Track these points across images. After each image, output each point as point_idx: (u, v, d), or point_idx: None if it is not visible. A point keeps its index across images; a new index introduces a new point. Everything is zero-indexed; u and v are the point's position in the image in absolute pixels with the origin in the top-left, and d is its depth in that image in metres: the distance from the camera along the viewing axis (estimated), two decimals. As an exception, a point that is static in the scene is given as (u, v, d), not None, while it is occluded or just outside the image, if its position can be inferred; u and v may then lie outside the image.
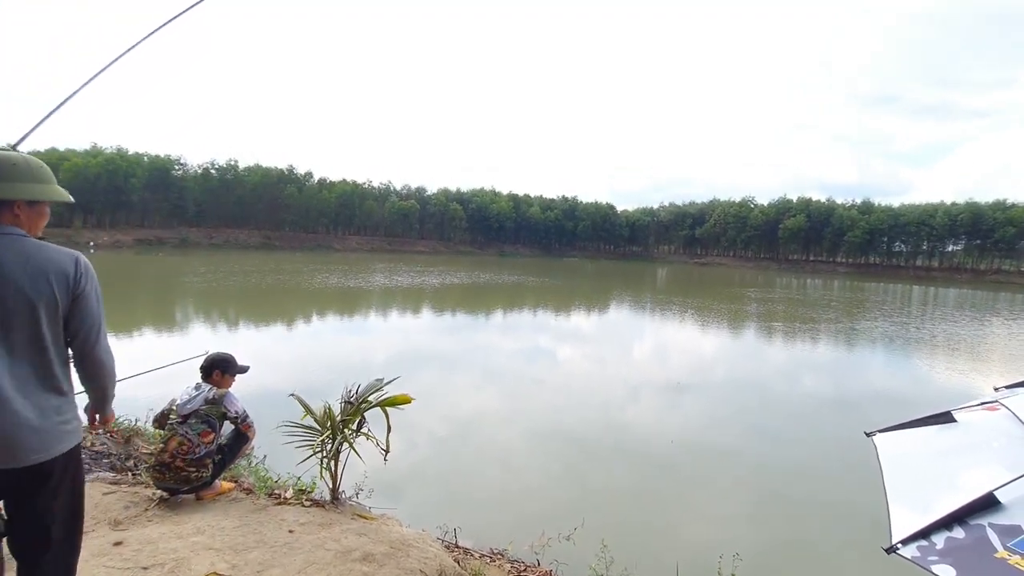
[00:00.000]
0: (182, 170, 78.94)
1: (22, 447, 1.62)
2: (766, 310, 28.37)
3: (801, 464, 7.94)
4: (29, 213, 1.71)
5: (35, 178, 1.71)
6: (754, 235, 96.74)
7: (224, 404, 3.41)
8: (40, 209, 1.75)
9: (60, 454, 1.70)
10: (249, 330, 16.94)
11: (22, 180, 1.68)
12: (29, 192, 1.69)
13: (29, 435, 1.62)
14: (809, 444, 8.88)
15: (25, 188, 1.68)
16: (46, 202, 1.77)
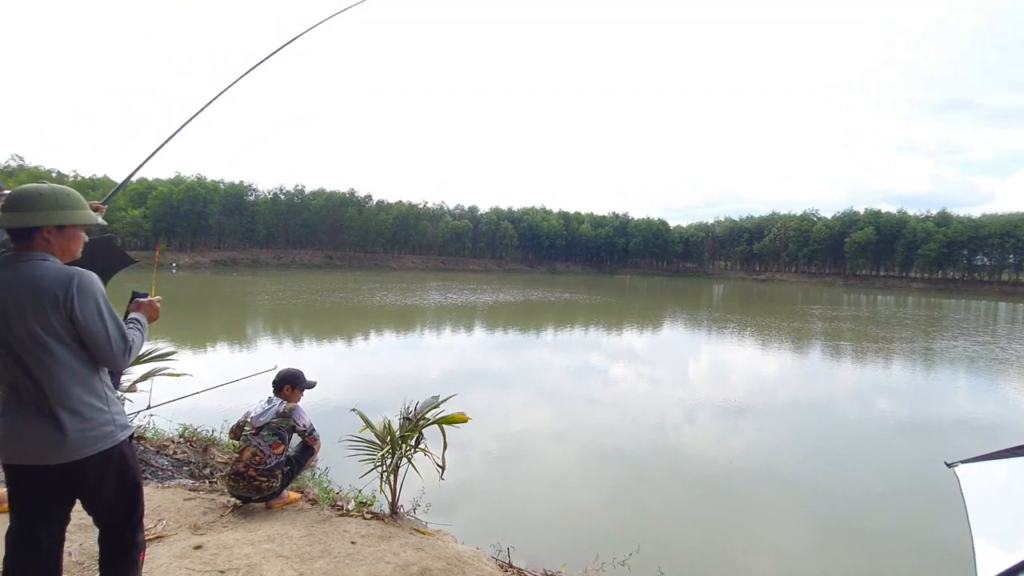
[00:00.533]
0: (254, 195, 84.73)
1: (52, 448, 1.81)
2: (832, 329, 26.86)
3: (873, 494, 7.43)
4: (59, 237, 1.86)
5: (61, 205, 1.85)
6: (817, 250, 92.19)
7: (293, 417, 3.62)
8: (70, 233, 1.89)
9: (94, 454, 1.85)
10: (312, 346, 17.73)
11: (48, 208, 1.82)
12: (55, 218, 1.83)
13: (61, 438, 1.80)
14: (882, 473, 8.28)
15: (51, 215, 1.82)
16: (76, 226, 1.90)
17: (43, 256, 1.82)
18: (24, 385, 1.80)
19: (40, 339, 1.76)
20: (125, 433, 1.97)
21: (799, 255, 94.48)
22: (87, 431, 1.84)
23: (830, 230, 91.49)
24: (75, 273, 1.81)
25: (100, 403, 1.88)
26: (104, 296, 1.87)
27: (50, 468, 1.83)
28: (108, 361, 1.88)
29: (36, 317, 1.76)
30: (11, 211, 1.81)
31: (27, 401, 1.81)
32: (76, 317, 1.78)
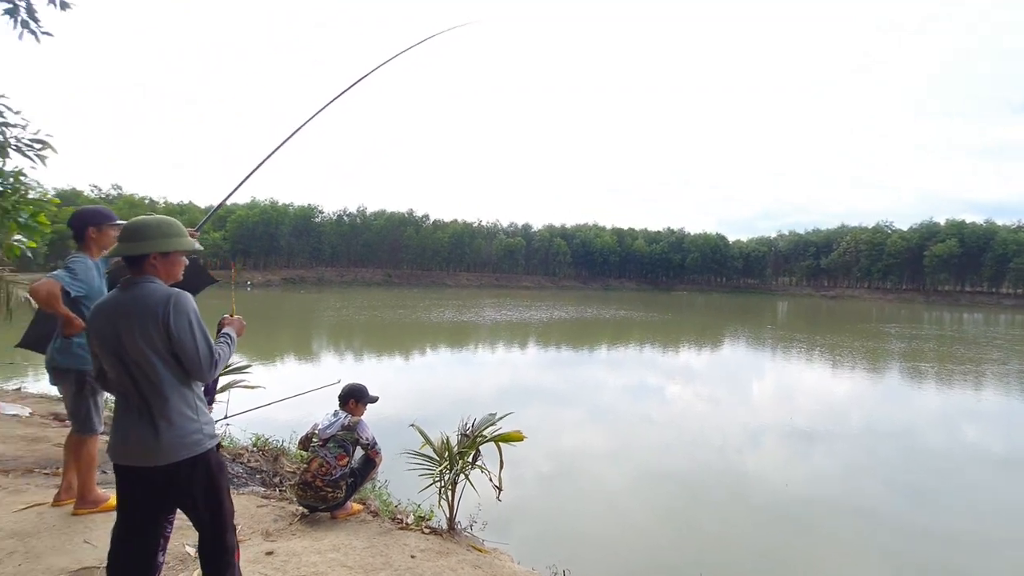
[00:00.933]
0: (320, 217, 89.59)
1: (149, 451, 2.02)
2: (912, 349, 24.92)
3: (963, 536, 6.75)
4: (164, 263, 2.11)
5: (164, 234, 2.10)
6: (893, 264, 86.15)
7: (357, 431, 3.76)
8: (173, 259, 2.14)
9: (181, 460, 2.04)
10: (372, 361, 18.33)
11: (154, 237, 2.07)
12: (160, 246, 2.08)
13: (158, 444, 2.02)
14: (974, 513, 7.48)
15: (157, 243, 2.07)
16: (178, 252, 2.15)
17: (150, 279, 2.07)
18: (132, 394, 2.05)
19: (145, 354, 2.00)
20: (212, 442, 2.16)
21: (872, 270, 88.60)
22: (179, 438, 2.05)
23: (907, 243, 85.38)
24: (172, 293, 2.04)
25: (191, 413, 2.09)
26: (196, 314, 2.08)
27: (147, 469, 2.04)
28: (196, 373, 2.08)
29: (142, 334, 1.99)
30: (125, 241, 2.09)
31: (133, 408, 2.06)
32: (172, 333, 1.99)
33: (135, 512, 2.11)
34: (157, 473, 2.04)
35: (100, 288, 3.24)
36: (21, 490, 3.74)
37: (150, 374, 2.01)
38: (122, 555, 2.10)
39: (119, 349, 2.01)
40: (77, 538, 2.98)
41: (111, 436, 2.11)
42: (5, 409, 6.06)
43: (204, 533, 2.16)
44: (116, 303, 2.04)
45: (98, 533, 3.05)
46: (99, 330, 2.05)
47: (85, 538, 2.99)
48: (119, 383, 2.07)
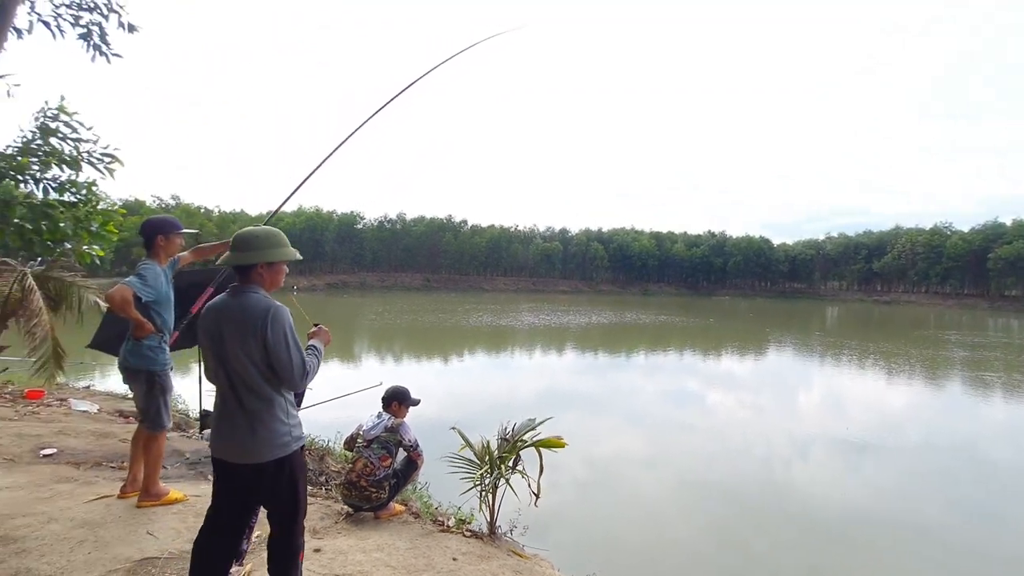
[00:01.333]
0: (362, 223, 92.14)
1: (242, 449, 2.17)
2: (975, 358, 23.41)
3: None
4: (269, 272, 2.26)
5: (271, 245, 2.25)
6: (953, 267, 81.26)
7: (400, 432, 3.84)
8: (277, 268, 2.29)
9: (269, 460, 2.18)
10: (412, 364, 18.64)
11: (262, 248, 2.23)
12: (266, 256, 2.23)
13: (249, 442, 2.16)
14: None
15: (263, 254, 2.22)
16: (281, 261, 2.31)
17: (255, 289, 2.22)
18: (229, 394, 2.21)
19: (242, 360, 2.15)
20: (298, 444, 2.28)
21: (930, 274, 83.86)
22: (269, 439, 2.18)
23: (968, 245, 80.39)
24: (271, 307, 2.17)
25: (282, 416, 2.23)
26: (291, 327, 2.22)
27: (238, 466, 2.19)
28: (288, 383, 2.21)
29: (242, 342, 2.14)
30: (236, 251, 2.25)
31: (230, 407, 2.21)
32: (268, 343, 2.12)
33: (226, 502, 2.27)
34: (247, 470, 2.19)
35: (167, 293, 3.45)
36: (91, 482, 3.99)
37: (246, 379, 2.16)
38: (210, 540, 2.25)
39: (222, 351, 2.18)
40: (141, 529, 3.16)
41: (211, 431, 2.29)
42: (76, 406, 6.48)
43: (277, 530, 2.27)
44: (224, 308, 2.20)
45: (160, 525, 3.22)
46: (207, 330, 2.22)
47: (148, 529, 3.16)
48: (219, 382, 2.24)
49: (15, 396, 6.62)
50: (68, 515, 3.28)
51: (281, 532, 2.27)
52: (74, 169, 4.64)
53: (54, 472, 4.17)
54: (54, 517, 3.24)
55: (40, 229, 4.44)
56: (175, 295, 3.54)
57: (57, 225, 4.53)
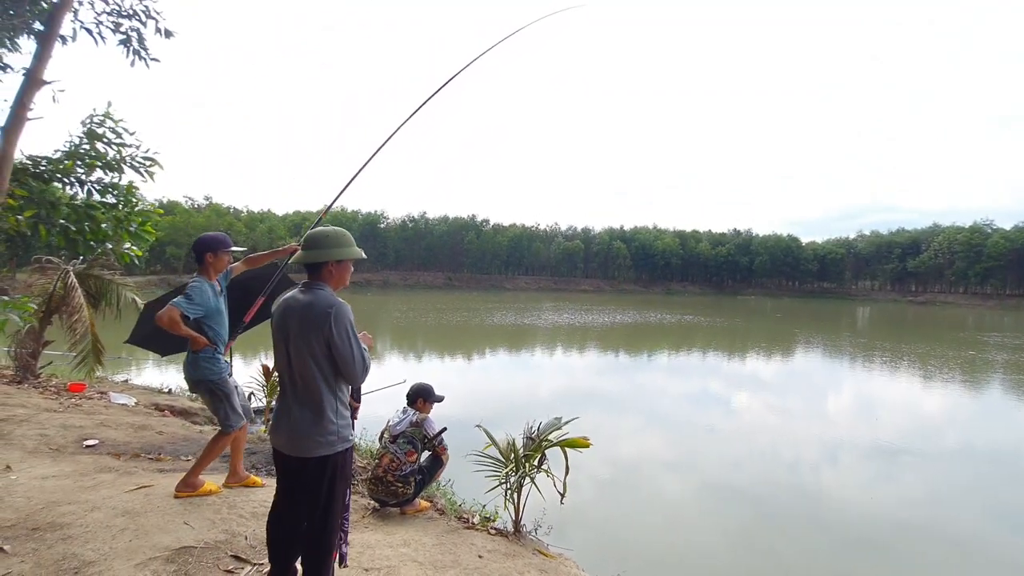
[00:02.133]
0: (385, 223, 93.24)
1: (291, 442, 2.28)
2: (1017, 361, 22.49)
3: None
4: (338, 269, 2.36)
5: (339, 244, 2.35)
6: (994, 267, 78.30)
7: (425, 427, 3.89)
8: (345, 266, 2.38)
9: (315, 456, 2.25)
10: (435, 362, 18.80)
11: (332, 247, 2.33)
12: (336, 255, 2.33)
13: (297, 436, 2.26)
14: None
15: (333, 252, 2.32)
16: (349, 260, 2.38)
17: (321, 286, 2.32)
18: (288, 387, 2.33)
19: (304, 355, 2.25)
20: (344, 445, 2.34)
21: (969, 273, 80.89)
22: (317, 436, 2.26)
23: (1011, 244, 77.30)
24: (335, 304, 2.24)
25: (332, 416, 2.29)
26: (353, 324, 2.30)
27: (288, 457, 2.30)
28: (350, 377, 2.29)
29: (305, 338, 2.23)
30: (309, 249, 2.35)
31: (288, 400, 2.33)
32: (332, 340, 2.20)
33: (281, 491, 2.40)
34: (293, 461, 2.29)
35: (217, 306, 3.64)
36: (131, 472, 4.14)
37: (305, 374, 2.25)
38: (273, 522, 2.39)
39: (287, 344, 2.28)
40: (178, 519, 3.27)
41: (272, 420, 2.41)
42: (115, 399, 6.73)
43: (312, 526, 2.32)
44: (294, 303, 2.30)
45: (196, 516, 3.33)
46: (277, 322, 2.34)
47: (185, 520, 3.27)
48: (281, 373, 2.35)
49: (59, 389, 6.91)
50: (110, 504, 3.41)
51: (315, 529, 2.31)
52: (116, 172, 4.81)
53: (96, 462, 4.34)
54: (97, 505, 3.38)
55: (83, 230, 4.63)
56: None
57: (99, 226, 4.72)
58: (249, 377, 6.99)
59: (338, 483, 2.32)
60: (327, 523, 2.31)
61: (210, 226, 76.08)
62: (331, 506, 2.31)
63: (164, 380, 10.13)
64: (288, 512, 2.36)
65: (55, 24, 4.12)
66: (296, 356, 2.24)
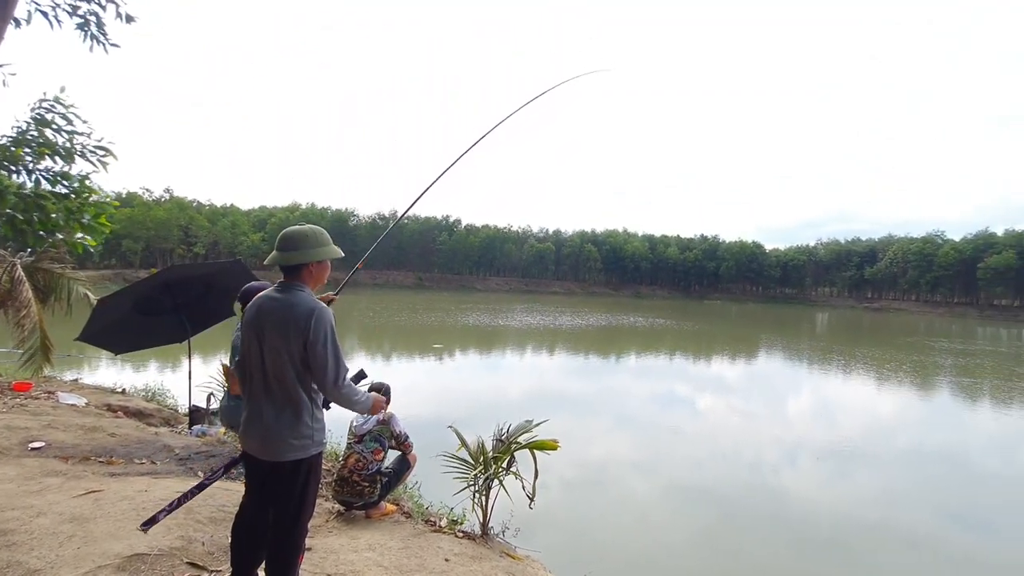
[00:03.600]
0: (355, 220, 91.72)
1: (263, 446, 2.21)
2: (965, 366, 23.69)
3: (1020, 563, 6.38)
4: (318, 268, 2.29)
5: (319, 243, 2.27)
6: (943, 276, 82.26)
7: (391, 424, 3.85)
8: (324, 265, 2.31)
9: (289, 459, 2.19)
10: (403, 363, 18.58)
11: (311, 247, 2.24)
12: (317, 255, 2.25)
13: (272, 439, 2.19)
14: (1033, 539, 7.09)
15: (313, 253, 2.24)
16: (329, 259, 2.31)
17: (301, 287, 2.24)
18: (260, 389, 2.23)
19: (281, 356, 2.17)
20: (317, 448, 2.28)
21: (921, 282, 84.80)
22: (291, 439, 2.19)
23: (960, 254, 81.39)
24: (317, 307, 2.18)
25: (308, 419, 2.23)
26: (333, 329, 2.23)
27: (259, 460, 2.23)
28: (321, 383, 2.20)
29: (283, 338, 2.15)
30: (286, 251, 2.25)
31: (260, 403, 2.23)
32: (309, 342, 2.13)
33: (249, 491, 2.36)
34: (266, 465, 2.22)
35: None
36: (80, 476, 3.95)
37: (280, 376, 2.17)
38: (240, 527, 2.33)
39: (261, 346, 2.19)
40: (130, 525, 3.13)
41: (242, 423, 2.30)
42: (64, 399, 6.42)
43: (279, 530, 2.26)
44: (270, 302, 2.22)
45: (150, 521, 3.20)
46: (249, 323, 2.24)
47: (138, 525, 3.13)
48: (252, 376, 2.24)
49: (2, 388, 6.54)
50: (57, 509, 3.25)
51: (280, 533, 2.26)
52: (67, 161, 4.59)
53: (43, 466, 4.13)
54: (43, 511, 3.21)
55: (32, 219, 4.39)
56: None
57: (49, 216, 4.49)
58: (208, 377, 6.77)
59: (311, 486, 2.28)
60: (296, 527, 2.26)
61: (170, 220, 73.38)
62: (302, 510, 2.27)
63: (118, 379, 9.73)
64: (256, 517, 2.30)
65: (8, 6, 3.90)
66: (272, 358, 2.16)
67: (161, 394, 8.42)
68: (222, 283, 5.95)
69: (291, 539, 2.26)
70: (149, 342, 6.63)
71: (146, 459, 4.68)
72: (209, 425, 6.07)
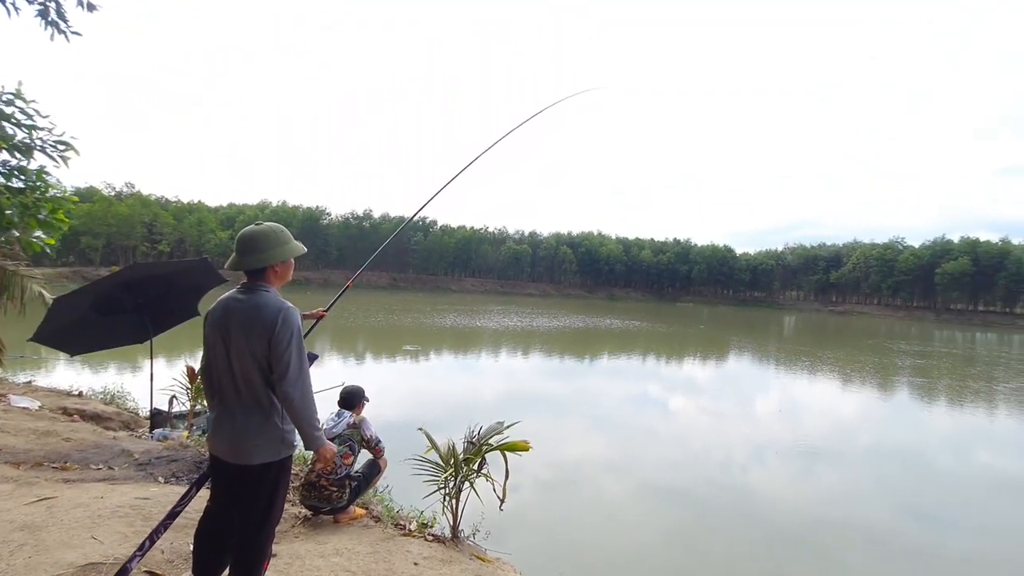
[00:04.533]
0: (327, 219, 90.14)
1: (233, 449, 2.15)
2: (922, 367, 24.66)
3: (981, 562, 6.64)
4: (282, 267, 2.25)
5: (281, 243, 2.22)
6: (903, 281, 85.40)
7: (362, 428, 3.79)
8: (288, 264, 2.27)
9: (258, 463, 2.14)
10: (375, 364, 18.35)
11: (273, 247, 2.19)
12: (279, 256, 2.20)
13: (241, 442, 2.14)
14: (993, 537, 7.36)
15: (275, 254, 2.19)
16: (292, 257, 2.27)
17: (266, 287, 2.20)
18: (230, 393, 2.16)
19: (247, 359, 2.11)
20: (289, 451, 2.23)
21: (882, 286, 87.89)
22: (261, 441, 2.14)
23: (918, 260, 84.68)
24: (284, 307, 2.14)
25: (278, 420, 2.18)
26: (300, 330, 2.17)
27: (228, 464, 2.17)
28: (280, 381, 2.11)
29: (249, 342, 2.10)
30: (246, 254, 2.18)
31: (229, 405, 2.17)
32: (273, 340, 2.08)
33: (216, 497, 2.28)
34: (233, 468, 2.16)
35: None
36: (32, 483, 3.78)
37: (248, 378, 2.11)
38: (204, 533, 2.27)
39: (228, 348, 2.13)
40: (85, 533, 3.01)
41: (210, 427, 2.24)
42: (16, 402, 6.14)
43: (245, 534, 2.20)
44: (237, 304, 2.15)
45: (105, 530, 3.08)
46: (213, 326, 2.16)
47: (93, 534, 3.01)
48: (220, 380, 2.18)
49: (-52, 391, 6.22)
50: (7, 517, 3.11)
51: (246, 538, 2.20)
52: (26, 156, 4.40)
53: (-10, 473, 3.93)
54: (-10, 520, 3.06)
55: (-17, 215, 4.20)
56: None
57: (3, 212, 4.29)
58: (171, 379, 6.56)
59: (280, 490, 2.23)
60: (262, 532, 2.21)
61: (133, 216, 70.89)
62: (270, 514, 2.22)
63: (75, 382, 9.34)
64: (221, 521, 2.24)
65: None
66: (239, 360, 2.11)
67: (121, 397, 8.13)
68: (186, 282, 5.77)
69: (257, 545, 2.21)
70: (108, 343, 6.38)
71: (103, 464, 4.51)
72: (172, 429, 5.89)
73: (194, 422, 6.14)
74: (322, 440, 2.24)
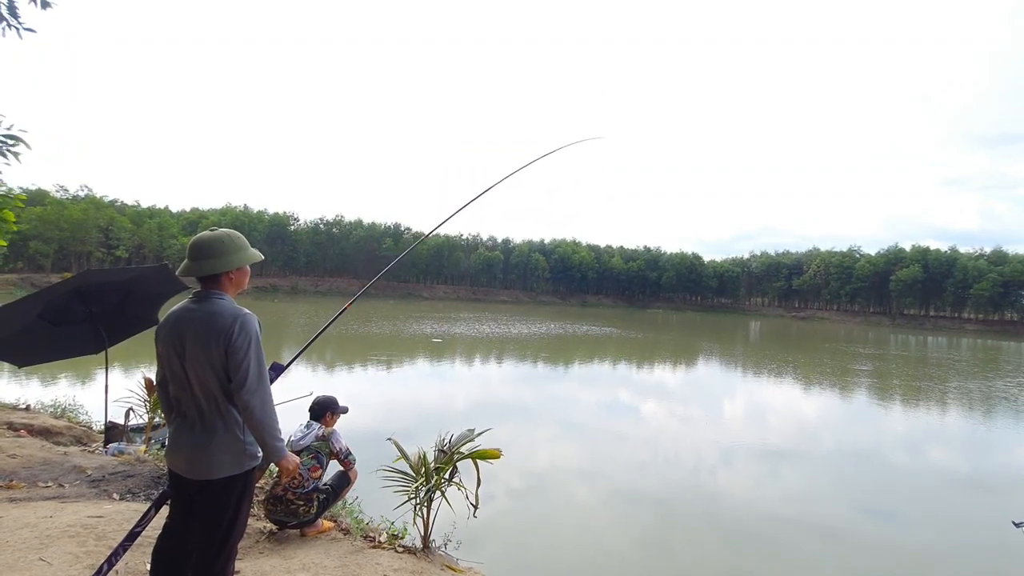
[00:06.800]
0: (296, 225, 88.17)
1: (194, 465, 2.07)
2: (878, 370, 25.66)
3: (930, 552, 6.96)
4: (238, 275, 2.19)
5: (237, 248, 2.15)
6: (861, 287, 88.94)
7: (332, 441, 3.69)
8: (244, 270, 2.20)
9: (220, 477, 2.06)
10: (345, 373, 18.00)
11: (228, 253, 2.12)
12: (235, 262, 2.14)
13: (201, 456, 2.05)
14: (940, 530, 7.75)
15: (230, 260, 2.12)
16: (248, 264, 2.21)
17: (220, 295, 2.13)
18: (189, 406, 2.07)
19: (205, 370, 2.02)
20: (252, 463, 2.14)
21: (841, 293, 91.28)
22: (222, 455, 2.06)
23: (874, 268, 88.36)
24: (240, 314, 2.07)
25: (239, 432, 2.10)
26: (258, 337, 2.09)
27: (188, 480, 2.10)
28: (238, 387, 2.03)
29: (206, 351, 2.02)
30: (200, 259, 2.09)
31: (189, 419, 2.08)
32: (231, 348, 2.01)
33: (175, 513, 2.19)
34: (193, 484, 2.08)
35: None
36: (-29, 504, 3.55)
37: (207, 389, 2.04)
38: (162, 552, 2.18)
39: (183, 360, 2.04)
40: (32, 555, 2.85)
41: (168, 441, 2.16)
42: (-44, 417, 5.77)
43: (206, 552, 2.11)
44: (190, 314, 2.06)
45: (54, 551, 2.92)
46: (166, 338, 2.07)
47: (41, 555, 2.85)
48: (177, 393, 2.09)
49: None
50: (-58, 542, 2.90)
51: (207, 555, 2.11)
52: (-33, 153, 4.16)
53: (-75, 493, 3.68)
54: (-77, 545, 2.86)
55: (-79, 217, 3.94)
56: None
57: (-57, 214, 4.04)
58: (127, 391, 6.28)
59: (244, 504, 2.15)
60: (224, 550, 2.12)
61: (87, 220, 67.99)
62: (232, 531, 2.13)
63: (22, 394, 8.86)
64: (180, 539, 2.15)
65: None
66: (196, 371, 2.02)
67: (72, 410, 7.73)
68: (145, 290, 5.54)
69: (218, 563, 2.12)
70: (59, 354, 6.05)
71: (52, 482, 4.28)
72: (128, 443, 5.64)
73: (152, 435, 5.88)
74: (283, 451, 2.16)
